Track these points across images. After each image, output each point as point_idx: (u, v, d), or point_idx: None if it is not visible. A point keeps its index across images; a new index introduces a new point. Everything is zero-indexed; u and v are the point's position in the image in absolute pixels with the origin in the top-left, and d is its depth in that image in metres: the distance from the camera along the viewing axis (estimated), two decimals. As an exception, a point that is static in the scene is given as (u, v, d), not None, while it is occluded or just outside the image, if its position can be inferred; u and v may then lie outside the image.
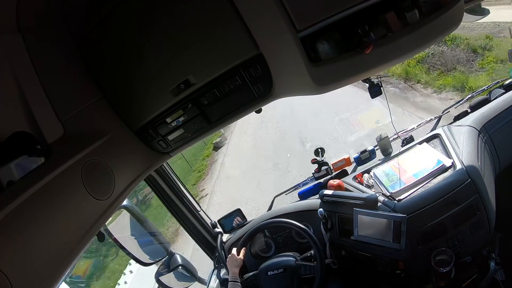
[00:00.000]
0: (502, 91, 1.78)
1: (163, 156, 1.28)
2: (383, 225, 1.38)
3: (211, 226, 1.87)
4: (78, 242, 0.84)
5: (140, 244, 1.61)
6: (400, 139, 1.82)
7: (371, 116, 5.39)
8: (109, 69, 1.06)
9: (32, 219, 0.73)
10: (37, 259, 0.73)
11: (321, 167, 1.84)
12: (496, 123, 1.59)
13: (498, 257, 1.39)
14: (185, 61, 1.03)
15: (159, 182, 1.59)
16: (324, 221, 1.53)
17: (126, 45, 1.02)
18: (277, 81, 1.07)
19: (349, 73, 0.93)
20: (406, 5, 0.88)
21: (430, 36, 0.91)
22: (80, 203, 0.87)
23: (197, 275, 1.76)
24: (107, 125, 1.08)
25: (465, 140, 1.52)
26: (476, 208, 1.34)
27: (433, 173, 1.46)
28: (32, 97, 0.85)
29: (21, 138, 0.80)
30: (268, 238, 1.73)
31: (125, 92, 1.09)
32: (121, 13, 0.98)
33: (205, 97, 1.10)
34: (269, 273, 1.48)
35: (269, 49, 1.00)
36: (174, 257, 1.69)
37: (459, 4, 0.92)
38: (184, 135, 1.20)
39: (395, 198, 1.45)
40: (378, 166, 1.67)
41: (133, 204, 4.76)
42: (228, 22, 0.96)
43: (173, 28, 0.99)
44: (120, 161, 1.07)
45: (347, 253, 1.54)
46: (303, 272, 1.50)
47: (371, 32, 0.87)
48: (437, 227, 1.34)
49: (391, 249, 1.38)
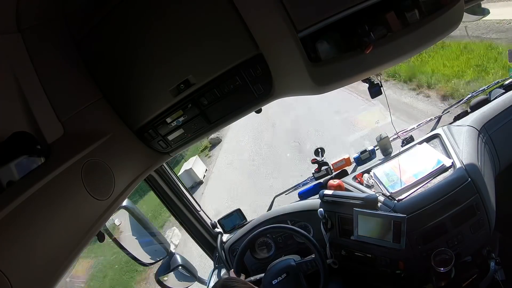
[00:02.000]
0: (502, 91, 1.78)
1: (163, 156, 1.28)
2: (383, 225, 1.38)
3: (211, 226, 1.87)
4: (78, 242, 0.84)
5: (140, 244, 1.61)
6: (400, 139, 1.82)
7: (371, 116, 5.40)
8: (109, 69, 1.06)
9: (32, 219, 0.73)
10: (37, 259, 0.73)
11: (321, 167, 1.84)
12: (496, 123, 1.59)
13: (498, 257, 1.40)
14: (185, 61, 1.03)
15: (159, 182, 1.59)
16: (324, 221, 1.53)
17: (126, 45, 1.02)
18: (277, 81, 1.07)
19: (349, 73, 0.93)
20: (406, 5, 0.87)
21: (430, 36, 0.91)
22: (80, 203, 0.87)
23: (197, 275, 1.76)
24: (107, 125, 1.08)
25: (465, 140, 1.52)
26: (476, 208, 1.35)
27: (433, 173, 1.46)
28: (32, 97, 0.85)
29: (21, 138, 0.80)
30: (268, 238, 1.73)
31: (125, 92, 1.09)
32: (121, 13, 0.98)
33: (205, 97, 1.10)
34: (273, 282, 1.47)
35: (269, 49, 1.00)
36: (174, 257, 1.70)
37: (459, 4, 0.92)
38: (184, 135, 1.20)
39: (395, 198, 1.45)
40: (378, 166, 1.67)
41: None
42: (228, 22, 0.96)
43: (173, 28, 0.98)
44: (120, 161, 1.07)
45: (347, 253, 1.54)
46: (305, 268, 1.50)
47: (371, 32, 0.86)
48: (437, 227, 1.34)
49: (391, 249, 1.38)
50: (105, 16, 0.98)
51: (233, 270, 1.54)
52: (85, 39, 1.01)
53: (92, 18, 0.99)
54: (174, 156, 1.34)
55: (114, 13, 0.98)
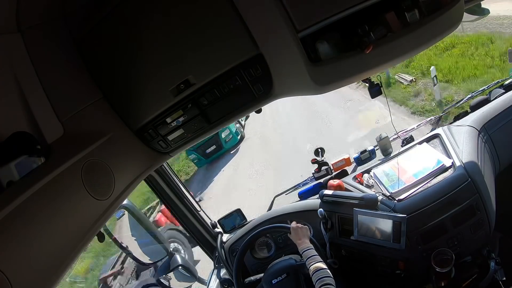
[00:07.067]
0: (502, 91, 1.78)
1: (163, 156, 1.28)
2: (383, 225, 1.38)
3: (211, 226, 1.87)
4: (78, 242, 0.84)
5: (140, 244, 1.61)
6: (400, 139, 1.82)
7: (371, 116, 5.39)
8: (109, 69, 1.06)
9: (32, 219, 0.73)
10: (37, 259, 0.73)
11: (321, 167, 1.84)
12: (496, 123, 1.59)
13: (498, 257, 1.39)
14: (185, 61, 1.03)
15: (159, 182, 1.59)
16: (324, 221, 1.53)
17: (126, 45, 1.02)
18: (277, 81, 1.07)
19: (349, 73, 0.93)
20: (406, 5, 0.87)
21: (430, 36, 0.91)
22: (80, 203, 0.87)
23: (197, 275, 1.76)
24: (107, 125, 1.08)
25: (465, 140, 1.53)
26: (476, 208, 1.35)
27: (433, 173, 1.46)
28: (32, 97, 0.85)
29: (21, 138, 0.80)
30: (268, 238, 1.73)
31: (125, 92, 1.09)
32: (121, 13, 0.98)
33: (205, 97, 1.10)
34: (273, 281, 1.46)
35: (269, 49, 1.00)
36: (174, 257, 1.70)
37: (459, 4, 0.92)
38: (184, 135, 1.20)
39: (395, 198, 1.45)
40: (378, 166, 1.67)
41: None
42: (228, 22, 0.96)
43: (173, 28, 0.98)
44: (120, 161, 1.07)
45: (347, 253, 1.54)
46: (305, 268, 1.50)
47: (371, 32, 0.87)
48: (437, 227, 1.34)
49: (391, 249, 1.38)
50: (105, 16, 0.98)
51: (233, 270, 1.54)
52: (85, 39, 1.01)
53: (92, 18, 0.99)
54: (173, 156, 1.34)
55: (114, 13, 0.98)
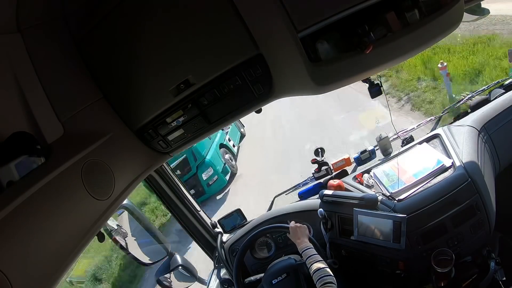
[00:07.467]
0: (502, 91, 1.78)
1: (163, 156, 1.28)
2: (383, 225, 1.38)
3: (211, 226, 1.87)
4: (78, 242, 0.84)
5: (140, 244, 1.61)
6: (400, 139, 1.82)
7: (371, 116, 5.39)
8: (109, 69, 1.06)
9: (32, 219, 0.73)
10: (37, 259, 0.73)
11: (321, 167, 1.84)
12: (496, 123, 1.59)
13: (498, 257, 1.39)
14: (185, 61, 1.03)
15: (159, 182, 1.58)
16: (324, 221, 1.53)
17: (126, 45, 1.02)
18: (277, 81, 1.07)
19: (349, 73, 0.93)
20: (406, 5, 0.87)
21: (430, 36, 0.91)
22: (80, 203, 0.87)
23: (197, 275, 1.76)
24: (107, 125, 1.08)
25: (465, 140, 1.52)
26: (476, 208, 1.35)
27: (433, 173, 1.46)
28: (32, 97, 0.85)
29: (21, 138, 0.80)
30: (268, 238, 1.73)
31: (125, 92, 1.09)
32: (121, 13, 0.98)
33: (205, 97, 1.10)
34: (273, 281, 1.45)
35: (269, 49, 1.00)
36: (174, 257, 1.69)
37: (459, 4, 0.92)
38: (184, 135, 1.20)
39: (395, 198, 1.45)
40: (378, 166, 1.67)
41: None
42: (228, 22, 0.96)
43: (173, 28, 0.98)
44: (120, 161, 1.07)
45: (347, 253, 1.54)
46: (305, 268, 1.50)
47: (371, 32, 0.87)
48: (437, 227, 1.34)
49: (391, 249, 1.38)
50: (105, 16, 0.98)
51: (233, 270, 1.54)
52: (85, 39, 1.01)
53: (92, 17, 0.99)
54: (174, 156, 1.34)
55: (114, 13, 0.98)
